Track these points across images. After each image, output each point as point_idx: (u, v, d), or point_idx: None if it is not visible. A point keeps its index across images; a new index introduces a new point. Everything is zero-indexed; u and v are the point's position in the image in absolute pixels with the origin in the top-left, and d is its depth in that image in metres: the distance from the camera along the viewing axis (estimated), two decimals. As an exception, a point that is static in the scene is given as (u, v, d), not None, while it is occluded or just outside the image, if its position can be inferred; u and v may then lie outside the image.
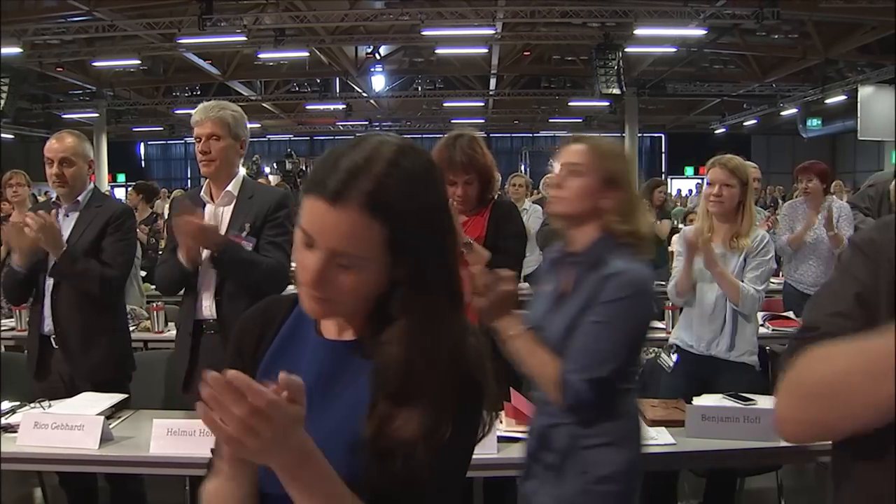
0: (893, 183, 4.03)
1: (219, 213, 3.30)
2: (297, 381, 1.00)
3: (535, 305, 2.44)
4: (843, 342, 1.14)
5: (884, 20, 14.71)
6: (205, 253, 3.15)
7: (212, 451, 1.23)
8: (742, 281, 3.55)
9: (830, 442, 1.30)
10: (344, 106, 25.18)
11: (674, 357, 3.71)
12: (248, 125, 3.40)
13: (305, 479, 1.03)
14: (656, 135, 33.95)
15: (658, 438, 2.92)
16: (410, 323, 1.12)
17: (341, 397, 1.17)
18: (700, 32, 15.78)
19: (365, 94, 23.74)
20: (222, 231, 3.20)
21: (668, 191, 23.24)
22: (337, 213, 1.07)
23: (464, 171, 3.25)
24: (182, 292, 3.38)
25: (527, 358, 2.26)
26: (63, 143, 3.51)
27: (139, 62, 19.22)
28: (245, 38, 16.05)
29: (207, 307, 3.23)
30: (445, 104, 25.35)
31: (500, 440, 2.80)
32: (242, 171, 3.41)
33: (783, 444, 2.67)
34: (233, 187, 3.32)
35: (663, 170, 33.89)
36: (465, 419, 1.13)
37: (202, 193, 3.35)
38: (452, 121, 25.38)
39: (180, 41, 16.17)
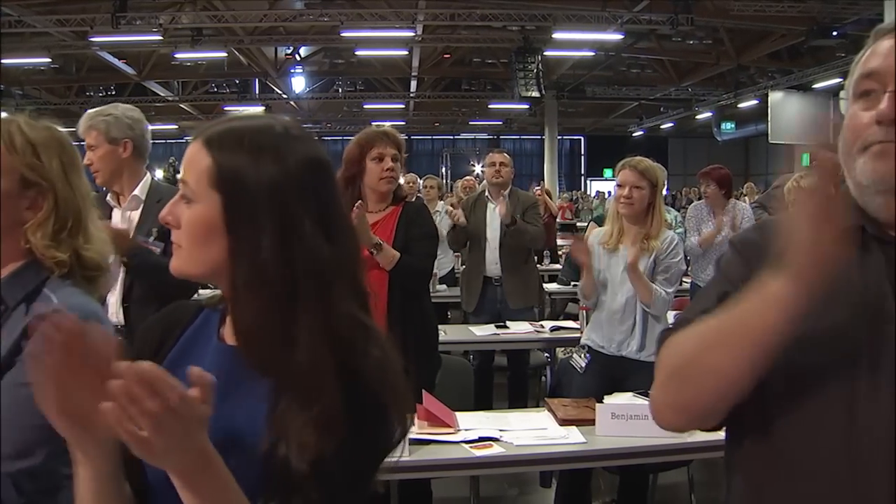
0: (788, 185, 4.15)
1: (126, 218, 3.21)
2: (209, 377, 0.97)
3: None
4: (695, 325, 1.19)
5: (792, 28, 15.24)
6: (111, 258, 3.06)
7: None
8: (653, 282, 3.62)
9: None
10: (263, 107, 24.82)
11: (586, 357, 3.75)
12: (156, 126, 3.33)
13: (202, 485, 0.98)
14: (576, 137, 34.44)
15: (569, 437, 2.95)
16: (249, 307, 1.13)
17: (240, 404, 1.14)
18: (617, 37, 16.07)
19: (285, 96, 23.50)
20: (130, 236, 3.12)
21: (585, 191, 23.55)
22: (192, 146, 1.18)
23: (395, 145, 3.41)
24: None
25: None
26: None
27: (50, 60, 18.65)
28: (161, 38, 15.71)
29: (114, 313, 3.14)
30: (366, 106, 25.23)
31: (413, 442, 2.78)
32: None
33: (692, 439, 2.74)
34: (140, 191, 3.22)
35: (582, 172, 34.41)
36: (363, 430, 1.10)
37: (108, 198, 3.26)
38: (373, 123, 25.05)
39: (93, 39, 15.75)
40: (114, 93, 21.77)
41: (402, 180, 3.90)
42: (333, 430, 1.05)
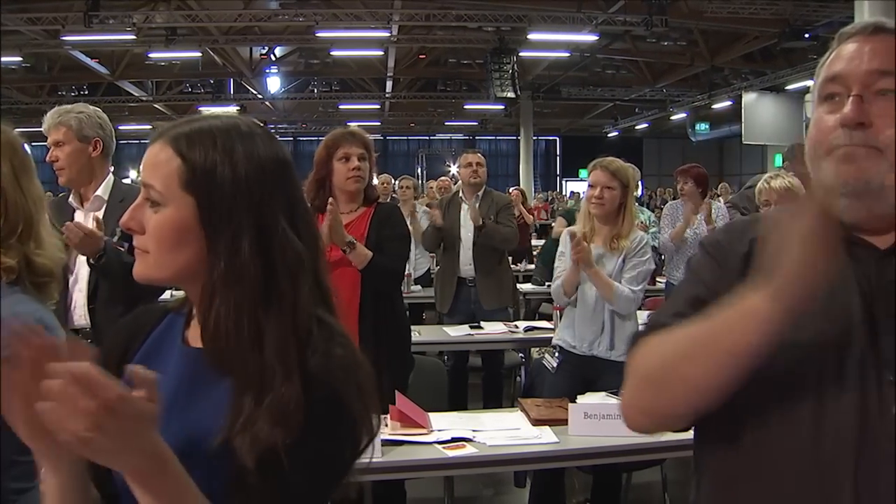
0: (758, 185, 4.19)
1: (89, 219, 3.15)
2: (151, 375, 0.95)
3: None
4: (667, 332, 1.19)
5: (765, 30, 15.37)
6: (79, 259, 3.04)
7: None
8: (620, 281, 3.63)
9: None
10: (238, 108, 24.69)
11: (557, 357, 3.76)
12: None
13: (158, 486, 0.96)
14: (551, 138, 34.50)
15: (542, 437, 2.96)
16: (224, 309, 1.12)
17: (203, 406, 1.13)
18: (592, 38, 16.12)
19: (260, 96, 23.38)
20: None
21: (560, 192, 23.58)
22: (153, 147, 1.17)
23: (362, 145, 3.43)
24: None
25: None
26: None
27: (21, 59, 18.44)
28: (135, 37, 15.57)
29: (81, 315, 3.11)
30: (341, 106, 25.15)
31: (385, 443, 2.78)
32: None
33: (665, 438, 2.74)
34: (102, 191, 3.19)
35: (558, 172, 34.49)
36: (325, 430, 1.10)
37: (70, 199, 3.23)
38: (348, 123, 25.01)
39: (65, 38, 15.58)
40: (86, 92, 21.52)
41: (375, 181, 3.91)
42: (288, 423, 1.05)
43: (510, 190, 9.66)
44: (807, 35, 14.39)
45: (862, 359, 1.13)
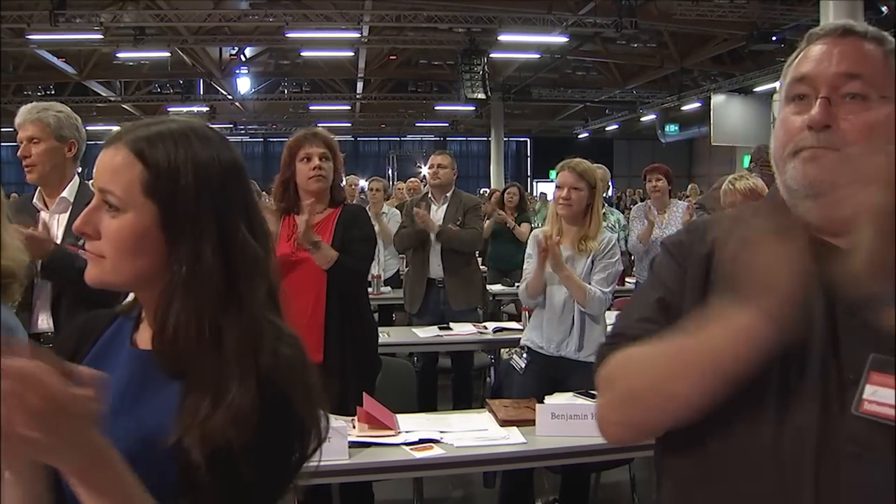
0: (723, 187, 4.22)
1: (54, 221, 3.12)
2: (96, 374, 0.95)
3: None
4: (647, 346, 1.20)
5: (734, 33, 15.51)
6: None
7: None
8: (590, 283, 3.64)
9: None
10: (208, 108, 24.54)
11: (525, 358, 3.77)
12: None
13: (101, 484, 0.95)
14: (521, 139, 34.58)
15: (509, 438, 2.96)
16: (183, 313, 1.11)
17: (151, 406, 1.13)
18: (562, 39, 16.19)
19: (230, 97, 23.23)
20: (59, 240, 3.03)
21: (530, 192, 23.73)
22: (110, 151, 1.15)
23: (324, 145, 3.43)
24: (17, 305, 3.20)
25: None
26: None
27: (-15, 58, 18.20)
28: (102, 37, 15.40)
29: (44, 320, 3.06)
30: (312, 107, 25.07)
31: (352, 445, 2.77)
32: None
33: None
34: (68, 193, 3.14)
35: (528, 173, 34.57)
36: (272, 429, 1.09)
37: (35, 200, 3.18)
38: (319, 124, 24.92)
39: (31, 37, 15.38)
40: (53, 92, 21.21)
41: (344, 182, 3.90)
42: (243, 425, 1.05)
43: (481, 191, 9.63)
44: (774, 38, 14.58)
45: (824, 359, 1.14)
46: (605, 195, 6.04)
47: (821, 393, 1.13)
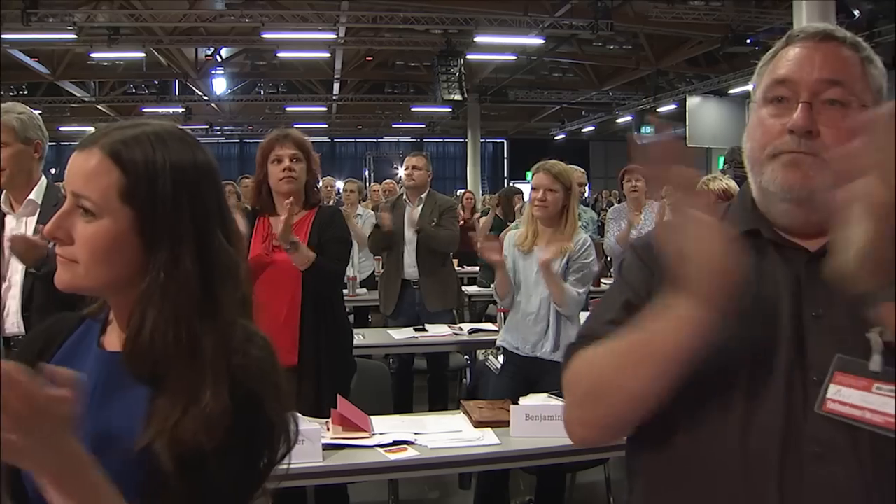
0: (697, 188, 4.24)
1: (21, 224, 3.08)
2: (74, 376, 0.95)
3: None
4: (603, 344, 1.20)
5: (709, 35, 15.61)
6: (12, 266, 2.96)
7: None
8: (565, 283, 3.65)
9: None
10: (183, 109, 24.37)
11: (500, 359, 3.78)
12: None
13: (74, 488, 0.94)
14: (498, 140, 34.58)
15: (484, 439, 2.96)
16: (160, 317, 1.10)
17: (118, 408, 1.12)
18: (539, 41, 16.21)
19: (206, 98, 23.08)
20: None
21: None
22: (83, 155, 1.14)
23: (296, 146, 3.42)
24: None
25: None
26: None
27: (-46, 57, 17.96)
28: (76, 37, 15.24)
29: (14, 323, 3.02)
30: (288, 108, 24.94)
31: (326, 447, 2.76)
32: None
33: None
34: (35, 195, 3.09)
35: (505, 175, 34.59)
36: (241, 430, 1.09)
37: (2, 203, 3.15)
38: (295, 125, 24.82)
39: (2, 37, 15.17)
40: (26, 92, 21.00)
41: (320, 183, 3.89)
42: (214, 428, 1.05)
43: (457, 192, 9.64)
44: (748, 40, 14.71)
45: (789, 359, 1.15)
46: (582, 197, 6.05)
47: (786, 394, 1.14)
